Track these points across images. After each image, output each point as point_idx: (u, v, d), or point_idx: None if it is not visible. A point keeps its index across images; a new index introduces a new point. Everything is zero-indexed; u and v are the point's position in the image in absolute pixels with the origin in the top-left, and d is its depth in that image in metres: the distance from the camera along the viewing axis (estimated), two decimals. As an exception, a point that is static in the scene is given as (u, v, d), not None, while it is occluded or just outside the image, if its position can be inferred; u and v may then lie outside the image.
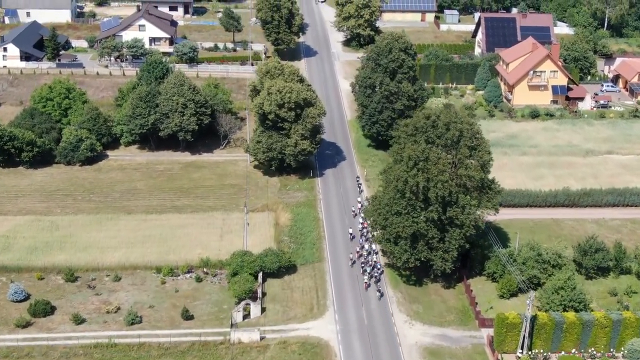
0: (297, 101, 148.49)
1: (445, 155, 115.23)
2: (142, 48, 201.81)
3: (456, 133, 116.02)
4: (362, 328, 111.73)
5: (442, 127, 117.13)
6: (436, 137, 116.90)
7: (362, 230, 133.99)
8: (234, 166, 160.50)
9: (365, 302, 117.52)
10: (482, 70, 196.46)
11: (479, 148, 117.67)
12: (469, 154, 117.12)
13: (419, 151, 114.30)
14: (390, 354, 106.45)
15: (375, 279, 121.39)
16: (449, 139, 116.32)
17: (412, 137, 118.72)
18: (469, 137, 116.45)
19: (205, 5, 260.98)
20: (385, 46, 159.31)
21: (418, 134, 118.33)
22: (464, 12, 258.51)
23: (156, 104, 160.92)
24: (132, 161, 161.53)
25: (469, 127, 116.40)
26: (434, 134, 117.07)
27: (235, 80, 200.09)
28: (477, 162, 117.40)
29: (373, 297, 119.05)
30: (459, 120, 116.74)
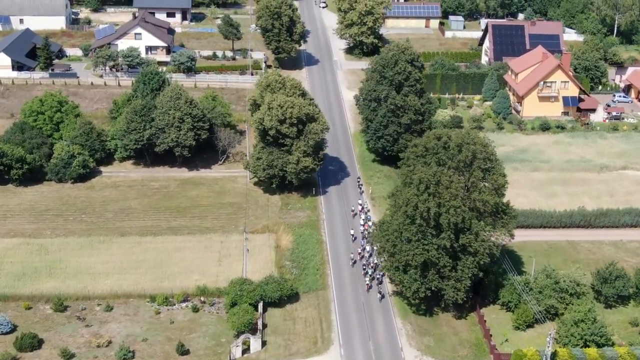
0: (299, 116, 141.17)
1: (458, 179, 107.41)
2: (138, 57, 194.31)
3: (469, 155, 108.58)
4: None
5: (454, 148, 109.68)
6: (448, 159, 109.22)
7: (363, 232, 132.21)
8: (233, 183, 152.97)
9: (373, 334, 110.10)
10: (490, 80, 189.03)
11: (493, 170, 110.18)
12: (482, 177, 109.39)
13: (430, 174, 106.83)
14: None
15: (377, 281, 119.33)
16: (462, 161, 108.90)
17: (422, 159, 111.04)
18: (483, 159, 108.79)
19: (204, 11, 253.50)
20: (391, 58, 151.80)
21: (428, 155, 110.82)
22: (469, 18, 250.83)
23: (152, 118, 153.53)
24: (127, 178, 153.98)
25: (483, 148, 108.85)
26: (445, 156, 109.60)
27: (235, 90, 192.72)
28: (491, 185, 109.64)
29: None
30: (471, 141, 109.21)
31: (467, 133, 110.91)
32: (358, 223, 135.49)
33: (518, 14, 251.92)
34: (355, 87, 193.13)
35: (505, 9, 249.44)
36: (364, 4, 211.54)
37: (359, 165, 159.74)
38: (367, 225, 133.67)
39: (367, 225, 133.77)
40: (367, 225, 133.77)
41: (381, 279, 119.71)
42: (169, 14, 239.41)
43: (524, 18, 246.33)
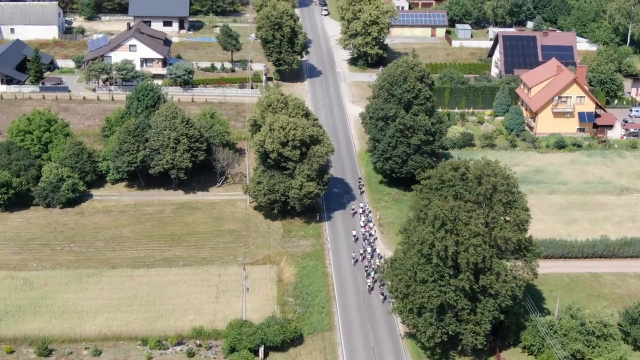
0: (302, 139, 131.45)
1: (477, 214, 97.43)
2: (132, 70, 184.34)
3: (489, 188, 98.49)
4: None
5: (473, 180, 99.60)
6: (466, 192, 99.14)
7: (364, 234, 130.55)
8: (232, 207, 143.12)
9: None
10: (501, 94, 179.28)
11: (515, 204, 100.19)
12: (503, 211, 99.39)
13: (447, 209, 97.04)
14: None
15: (380, 283, 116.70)
16: (481, 194, 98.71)
17: (438, 192, 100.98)
18: (504, 191, 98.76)
19: (202, 19, 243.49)
20: (399, 75, 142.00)
21: (445, 187, 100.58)
22: (476, 26, 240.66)
23: (146, 138, 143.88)
24: (119, 202, 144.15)
25: (504, 180, 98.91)
26: (463, 189, 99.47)
27: (234, 105, 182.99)
28: (513, 220, 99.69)
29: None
30: (492, 173, 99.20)
31: (486, 164, 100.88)
32: (358, 223, 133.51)
33: (527, 22, 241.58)
34: (360, 100, 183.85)
35: (514, 17, 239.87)
36: (368, 13, 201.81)
37: (366, 187, 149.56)
38: (367, 227, 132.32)
39: (367, 227, 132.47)
40: (367, 227, 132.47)
41: (383, 280, 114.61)
42: (166, 23, 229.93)
43: (533, 26, 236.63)
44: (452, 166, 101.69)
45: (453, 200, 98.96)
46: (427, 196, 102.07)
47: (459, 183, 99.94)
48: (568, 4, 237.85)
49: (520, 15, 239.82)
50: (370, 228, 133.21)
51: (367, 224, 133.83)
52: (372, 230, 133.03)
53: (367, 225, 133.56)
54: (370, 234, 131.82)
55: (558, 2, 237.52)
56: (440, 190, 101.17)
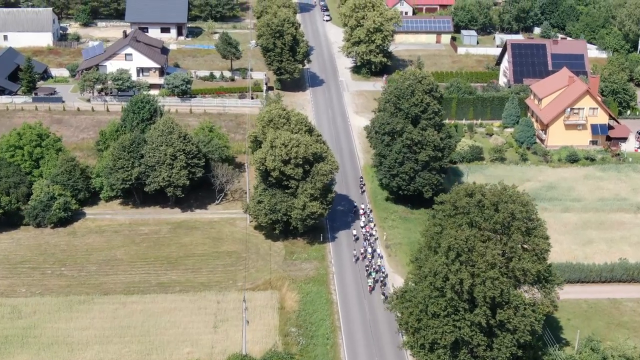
0: (305, 156, 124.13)
1: (494, 244, 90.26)
2: (128, 80, 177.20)
3: (507, 216, 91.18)
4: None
5: (490, 207, 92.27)
6: (482, 220, 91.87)
7: (365, 234, 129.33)
8: (231, 227, 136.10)
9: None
10: (510, 105, 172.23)
11: (535, 232, 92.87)
12: (522, 241, 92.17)
13: (462, 240, 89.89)
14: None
15: (381, 283, 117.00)
16: (498, 222, 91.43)
17: (451, 219, 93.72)
18: (523, 219, 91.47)
19: (201, 26, 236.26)
20: (406, 88, 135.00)
21: (459, 214, 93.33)
22: (482, 32, 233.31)
23: (141, 154, 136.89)
24: (113, 221, 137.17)
25: (523, 207, 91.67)
26: (479, 217, 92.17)
27: (234, 116, 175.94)
28: (532, 250, 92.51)
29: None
30: (509, 199, 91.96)
31: (503, 189, 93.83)
32: (359, 223, 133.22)
33: (534, 28, 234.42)
34: (363, 111, 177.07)
35: (521, 22, 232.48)
36: (372, 20, 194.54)
37: (371, 205, 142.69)
38: (368, 227, 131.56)
39: (368, 227, 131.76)
40: (368, 227, 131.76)
41: (385, 280, 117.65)
42: (164, 29, 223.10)
43: (541, 32, 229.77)
44: (467, 192, 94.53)
45: (468, 228, 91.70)
46: (440, 223, 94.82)
47: (475, 210, 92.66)
48: (576, 9, 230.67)
49: (527, 21, 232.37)
50: (370, 228, 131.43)
51: (367, 224, 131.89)
52: (372, 230, 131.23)
53: (368, 226, 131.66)
54: (370, 234, 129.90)
55: (566, 8, 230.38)
56: (454, 218, 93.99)
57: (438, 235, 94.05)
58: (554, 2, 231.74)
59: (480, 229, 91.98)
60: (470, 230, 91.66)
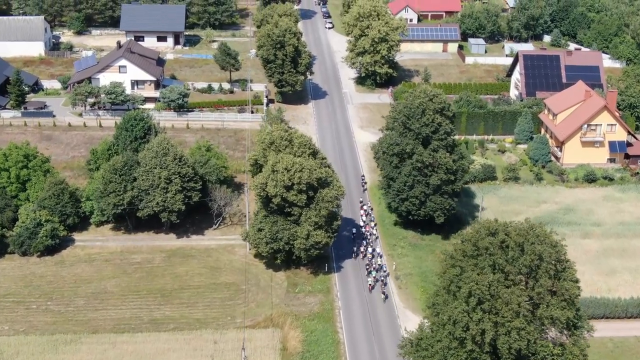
0: (309, 182, 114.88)
1: (520, 291, 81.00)
2: (122, 94, 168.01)
3: (534, 258, 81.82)
4: None
5: (515, 248, 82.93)
6: (506, 263, 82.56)
7: (364, 233, 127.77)
8: (229, 254, 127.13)
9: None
10: (523, 120, 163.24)
11: (564, 275, 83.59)
12: (550, 285, 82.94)
13: (484, 285, 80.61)
14: None
15: (382, 282, 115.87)
16: (525, 265, 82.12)
17: (472, 260, 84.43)
18: (552, 262, 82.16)
19: (199, 34, 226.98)
20: (417, 107, 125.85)
21: (481, 256, 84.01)
22: (490, 40, 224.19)
23: (134, 177, 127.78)
24: (104, 248, 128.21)
25: (551, 249, 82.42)
26: (503, 258, 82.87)
27: (233, 132, 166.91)
28: (561, 294, 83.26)
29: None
30: (537, 240, 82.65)
31: (530, 228, 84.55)
32: (359, 222, 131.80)
33: (544, 36, 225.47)
34: (368, 125, 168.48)
35: (530, 30, 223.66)
36: (377, 30, 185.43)
37: (380, 229, 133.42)
38: (368, 227, 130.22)
39: (368, 227, 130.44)
40: (368, 227, 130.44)
41: (385, 280, 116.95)
42: (160, 38, 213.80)
43: (551, 40, 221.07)
44: (489, 230, 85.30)
45: (491, 271, 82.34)
46: (460, 264, 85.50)
47: (498, 252, 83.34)
48: (588, 17, 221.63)
49: (537, 28, 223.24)
50: (371, 228, 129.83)
51: (368, 224, 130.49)
52: (373, 230, 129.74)
53: (368, 225, 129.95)
54: (370, 234, 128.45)
55: (577, 15, 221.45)
56: (476, 259, 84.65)
57: (457, 278, 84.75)
58: (564, 10, 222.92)
59: (504, 272, 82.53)
60: (494, 274, 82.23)
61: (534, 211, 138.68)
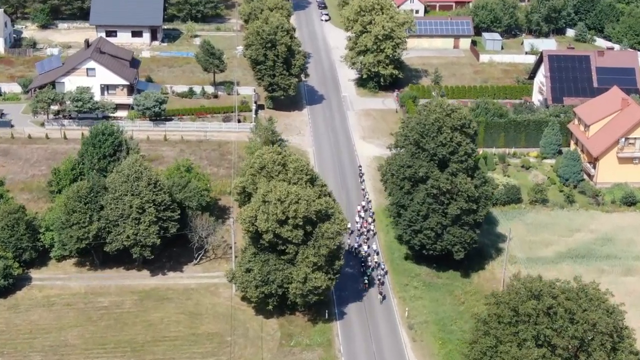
0: (307, 215, 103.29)
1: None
2: (90, 101, 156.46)
3: (587, 329, 70.28)
4: None
5: (564, 316, 71.38)
6: (554, 334, 70.99)
7: (360, 229, 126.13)
8: (212, 297, 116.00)
9: None
10: (550, 131, 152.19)
11: (622, 347, 72.19)
12: (606, 359, 71.59)
13: (528, 363, 68.91)
14: None
15: (379, 281, 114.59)
16: (576, 337, 70.58)
17: (511, 328, 72.90)
18: (607, 333, 70.66)
19: (179, 27, 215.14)
20: (432, 124, 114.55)
21: (522, 324, 72.45)
22: (506, 34, 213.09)
23: (100, 205, 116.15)
24: (65, 289, 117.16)
25: (607, 317, 70.89)
26: (549, 328, 71.29)
27: (217, 145, 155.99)
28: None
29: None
30: (589, 306, 71.02)
31: (581, 289, 73.06)
32: (355, 217, 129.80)
33: (566, 30, 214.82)
34: (371, 136, 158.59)
35: (552, 23, 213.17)
36: (381, 26, 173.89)
37: (387, 265, 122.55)
38: (366, 223, 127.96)
39: (366, 222, 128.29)
40: (366, 222, 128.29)
41: (382, 279, 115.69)
42: (135, 33, 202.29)
43: (575, 35, 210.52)
44: (532, 292, 73.78)
45: (534, 345, 70.80)
46: (495, 333, 73.94)
47: (544, 320, 71.79)
48: (616, 8, 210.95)
49: (559, 22, 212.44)
50: (369, 223, 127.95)
51: (365, 220, 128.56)
52: (370, 225, 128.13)
53: (366, 221, 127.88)
54: (367, 230, 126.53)
55: (604, 7, 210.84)
56: (515, 327, 73.09)
57: (492, 351, 73.11)
58: (590, 0, 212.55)
59: (551, 345, 70.99)
60: (538, 347, 70.67)
61: (567, 242, 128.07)
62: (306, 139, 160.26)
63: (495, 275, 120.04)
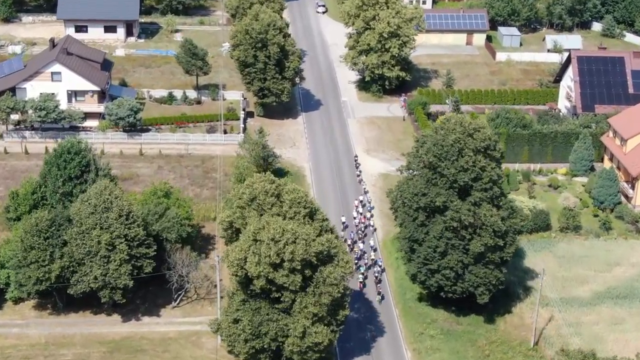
0: (305, 257, 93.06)
1: None
2: (55, 110, 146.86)
3: None
4: None
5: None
6: None
7: (358, 225, 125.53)
8: (194, 348, 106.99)
9: None
10: (581, 145, 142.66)
11: None
12: None
13: None
14: None
15: (376, 280, 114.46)
16: None
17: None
18: None
19: (158, 21, 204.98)
20: (452, 145, 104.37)
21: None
22: (524, 28, 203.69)
23: (63, 240, 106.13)
24: (22, 338, 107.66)
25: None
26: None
27: (200, 160, 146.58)
28: None
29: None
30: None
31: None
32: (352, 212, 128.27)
33: (592, 24, 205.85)
34: (376, 149, 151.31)
35: (576, 16, 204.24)
36: (386, 22, 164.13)
37: (398, 309, 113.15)
38: (364, 218, 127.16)
39: (364, 217, 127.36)
40: (364, 217, 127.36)
41: (380, 277, 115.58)
42: (108, 29, 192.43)
43: (602, 30, 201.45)
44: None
45: None
46: None
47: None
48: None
49: (584, 14, 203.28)
50: (367, 219, 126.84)
51: (363, 215, 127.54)
52: (369, 221, 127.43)
53: (364, 216, 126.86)
54: (365, 225, 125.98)
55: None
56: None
57: None
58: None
59: None
60: None
61: (605, 278, 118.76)
62: (302, 152, 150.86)
63: (525, 321, 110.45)
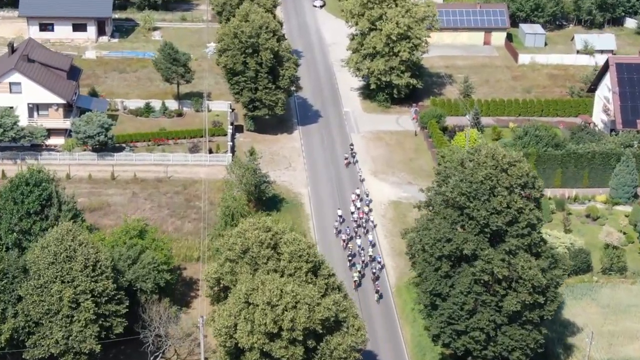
0: (308, 326, 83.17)
1: None
2: (14, 127, 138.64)
3: None
4: None
5: None
6: None
7: (357, 221, 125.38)
8: None
9: None
10: (624, 168, 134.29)
11: None
12: None
13: None
14: None
15: (374, 277, 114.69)
16: None
17: None
18: None
19: (134, 17, 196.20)
20: (482, 182, 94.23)
21: None
22: (549, 25, 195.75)
23: (18, 296, 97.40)
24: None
25: None
26: None
27: (181, 185, 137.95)
28: None
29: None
30: None
31: None
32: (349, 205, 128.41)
33: (625, 20, 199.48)
34: (386, 171, 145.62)
35: (607, 12, 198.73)
36: (394, 23, 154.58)
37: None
38: (362, 213, 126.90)
39: (362, 212, 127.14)
40: (362, 212, 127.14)
41: (378, 273, 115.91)
42: (77, 27, 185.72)
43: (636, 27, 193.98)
44: None
45: None
46: None
47: None
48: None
49: (616, 9, 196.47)
50: (365, 214, 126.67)
51: (361, 210, 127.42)
52: (368, 215, 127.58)
53: (362, 211, 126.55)
54: (365, 220, 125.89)
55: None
56: None
57: None
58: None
59: None
60: None
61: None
62: (299, 174, 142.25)
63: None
